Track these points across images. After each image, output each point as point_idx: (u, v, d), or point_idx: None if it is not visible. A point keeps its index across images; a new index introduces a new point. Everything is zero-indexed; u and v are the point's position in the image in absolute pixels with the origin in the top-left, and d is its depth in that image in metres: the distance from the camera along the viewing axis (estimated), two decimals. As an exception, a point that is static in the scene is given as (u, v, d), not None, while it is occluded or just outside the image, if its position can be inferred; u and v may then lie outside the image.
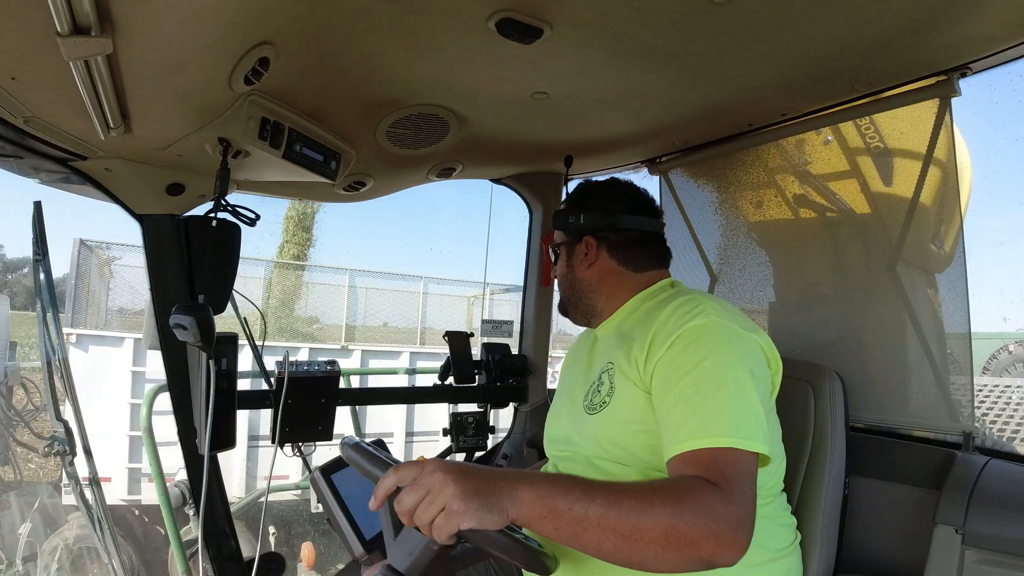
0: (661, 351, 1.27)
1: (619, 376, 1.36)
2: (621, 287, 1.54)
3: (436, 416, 8.23)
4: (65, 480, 6.64)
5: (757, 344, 1.30)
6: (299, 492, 6.95)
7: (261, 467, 7.32)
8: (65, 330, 7.29)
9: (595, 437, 1.37)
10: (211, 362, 1.68)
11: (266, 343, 2.13)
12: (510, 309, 11.96)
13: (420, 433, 8.26)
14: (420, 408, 8.30)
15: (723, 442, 1.12)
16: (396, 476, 1.01)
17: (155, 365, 7.10)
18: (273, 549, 2.01)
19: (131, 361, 7.15)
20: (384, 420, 8.01)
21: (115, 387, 7.00)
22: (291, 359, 2.00)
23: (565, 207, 1.63)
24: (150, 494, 6.60)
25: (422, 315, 13.26)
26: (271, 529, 7.03)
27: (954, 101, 1.68)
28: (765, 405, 1.22)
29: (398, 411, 8.14)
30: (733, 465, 1.10)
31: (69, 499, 6.58)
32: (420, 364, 8.50)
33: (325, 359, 2.08)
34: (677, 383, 1.21)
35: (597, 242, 1.55)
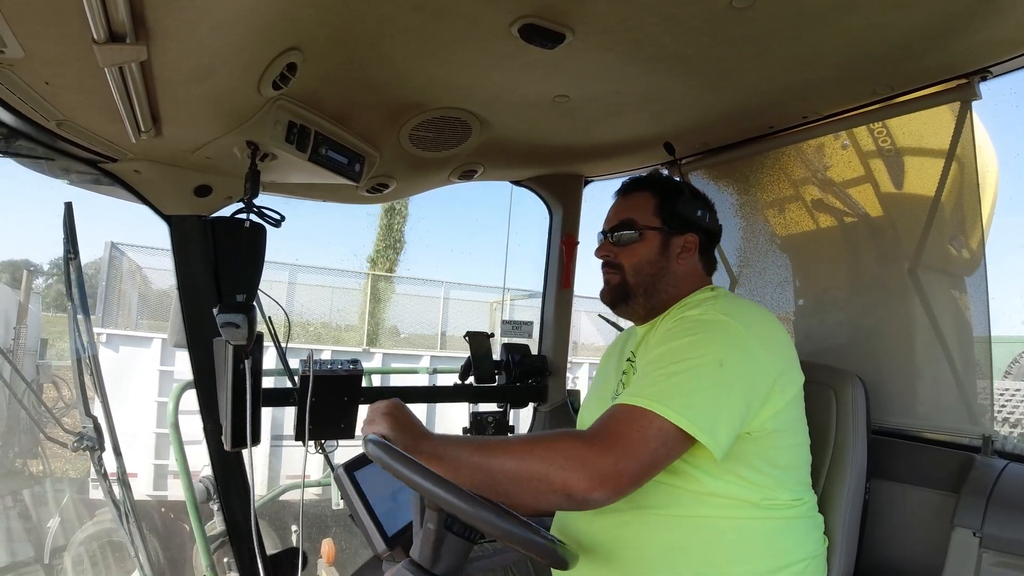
0: (657, 335, 1.41)
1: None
2: (691, 289, 1.56)
3: (456, 415, 8.27)
4: (93, 475, 6.79)
5: (752, 347, 1.31)
6: (319, 491, 7.02)
7: (284, 466, 7.44)
8: (96, 330, 7.49)
9: None
10: (246, 360, 1.70)
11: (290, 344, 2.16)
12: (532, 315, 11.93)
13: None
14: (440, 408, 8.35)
15: (638, 402, 1.20)
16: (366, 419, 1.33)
17: (183, 364, 7.30)
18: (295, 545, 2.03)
19: (159, 360, 7.35)
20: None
21: (143, 385, 7.17)
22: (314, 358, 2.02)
23: (678, 197, 1.59)
24: (176, 490, 6.76)
25: (443, 320, 13.34)
26: (292, 527, 7.11)
27: (977, 104, 1.68)
28: (724, 394, 1.24)
29: (419, 410, 8.18)
30: (629, 421, 1.20)
31: (97, 494, 6.73)
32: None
33: (348, 358, 2.10)
34: (648, 354, 1.35)
35: (698, 241, 1.58)
